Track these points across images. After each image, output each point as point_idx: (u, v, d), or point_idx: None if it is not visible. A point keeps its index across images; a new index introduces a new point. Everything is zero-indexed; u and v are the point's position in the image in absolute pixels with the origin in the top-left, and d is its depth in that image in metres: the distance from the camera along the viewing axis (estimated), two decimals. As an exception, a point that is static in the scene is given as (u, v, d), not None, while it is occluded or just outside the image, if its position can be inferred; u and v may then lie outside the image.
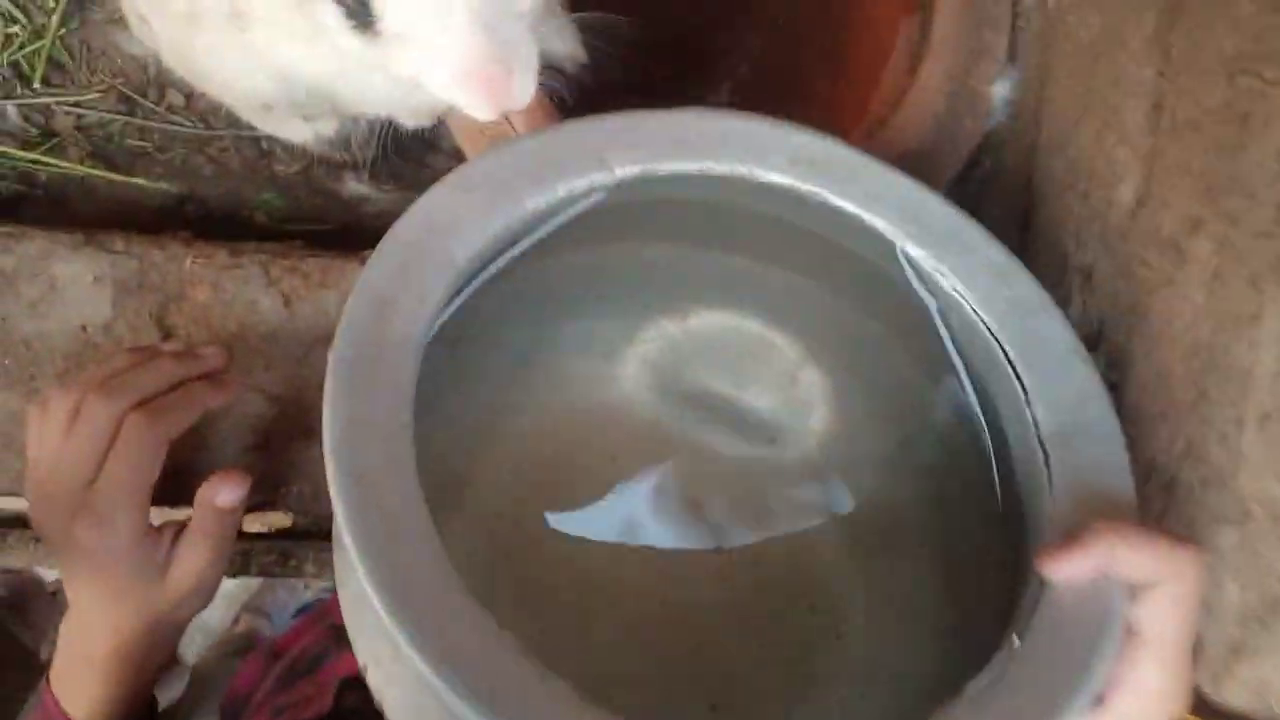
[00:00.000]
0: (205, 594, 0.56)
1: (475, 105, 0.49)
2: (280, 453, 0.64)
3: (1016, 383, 0.49)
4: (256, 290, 0.64)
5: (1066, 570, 0.40)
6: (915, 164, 0.64)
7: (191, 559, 0.54)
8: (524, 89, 0.49)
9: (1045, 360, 0.49)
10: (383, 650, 0.41)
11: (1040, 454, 0.47)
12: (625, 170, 0.51)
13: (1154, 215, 0.52)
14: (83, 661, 0.56)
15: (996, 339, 0.50)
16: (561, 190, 0.50)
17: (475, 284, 0.51)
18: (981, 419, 0.52)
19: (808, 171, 0.53)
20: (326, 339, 0.64)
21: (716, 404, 0.62)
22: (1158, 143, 0.53)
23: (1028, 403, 0.48)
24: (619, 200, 0.53)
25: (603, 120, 0.53)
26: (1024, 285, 0.51)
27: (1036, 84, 0.65)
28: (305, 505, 0.65)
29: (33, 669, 0.91)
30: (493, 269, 0.51)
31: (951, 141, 0.65)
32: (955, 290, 0.51)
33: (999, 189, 0.69)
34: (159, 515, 0.57)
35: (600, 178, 0.51)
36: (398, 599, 0.37)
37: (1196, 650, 0.47)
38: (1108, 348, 0.55)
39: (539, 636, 0.54)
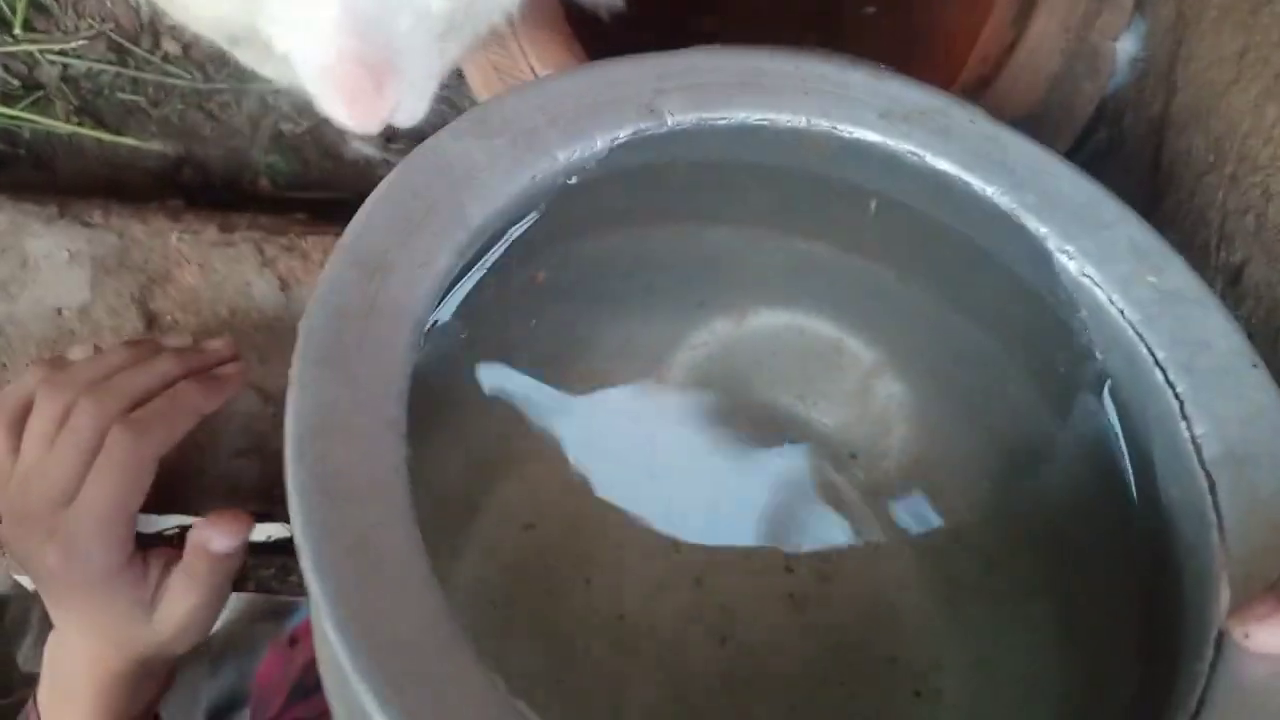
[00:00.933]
0: (199, 632, 0.49)
1: (333, 112, 0.39)
2: (277, 457, 0.56)
3: (1169, 392, 0.39)
4: (249, 272, 0.56)
5: (1274, 635, 0.31)
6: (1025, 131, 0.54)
7: (181, 602, 0.47)
8: (404, 110, 0.40)
9: (1205, 365, 0.39)
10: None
11: (1203, 481, 0.37)
12: (678, 119, 0.42)
13: (1334, 210, 0.42)
14: (65, 693, 0.50)
15: (1140, 337, 0.40)
16: (600, 141, 0.41)
17: (493, 254, 0.42)
18: (1120, 438, 0.42)
19: (902, 127, 0.43)
20: (329, 329, 0.57)
21: (777, 419, 0.53)
22: (1342, 119, 0.42)
23: (1184, 416, 0.39)
24: (668, 161, 0.44)
25: (653, 59, 0.43)
26: (1175, 271, 0.42)
27: (1170, 40, 0.54)
28: (305, 516, 0.57)
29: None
30: (514, 234, 0.42)
31: (1066, 108, 0.55)
32: (1085, 275, 0.42)
33: (1118, 166, 0.58)
34: (143, 522, 0.51)
35: (648, 126, 0.42)
36: (375, 658, 0.28)
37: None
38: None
39: (563, 704, 0.47)
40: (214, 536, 0.47)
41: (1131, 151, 0.57)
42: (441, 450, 0.49)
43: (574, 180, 0.42)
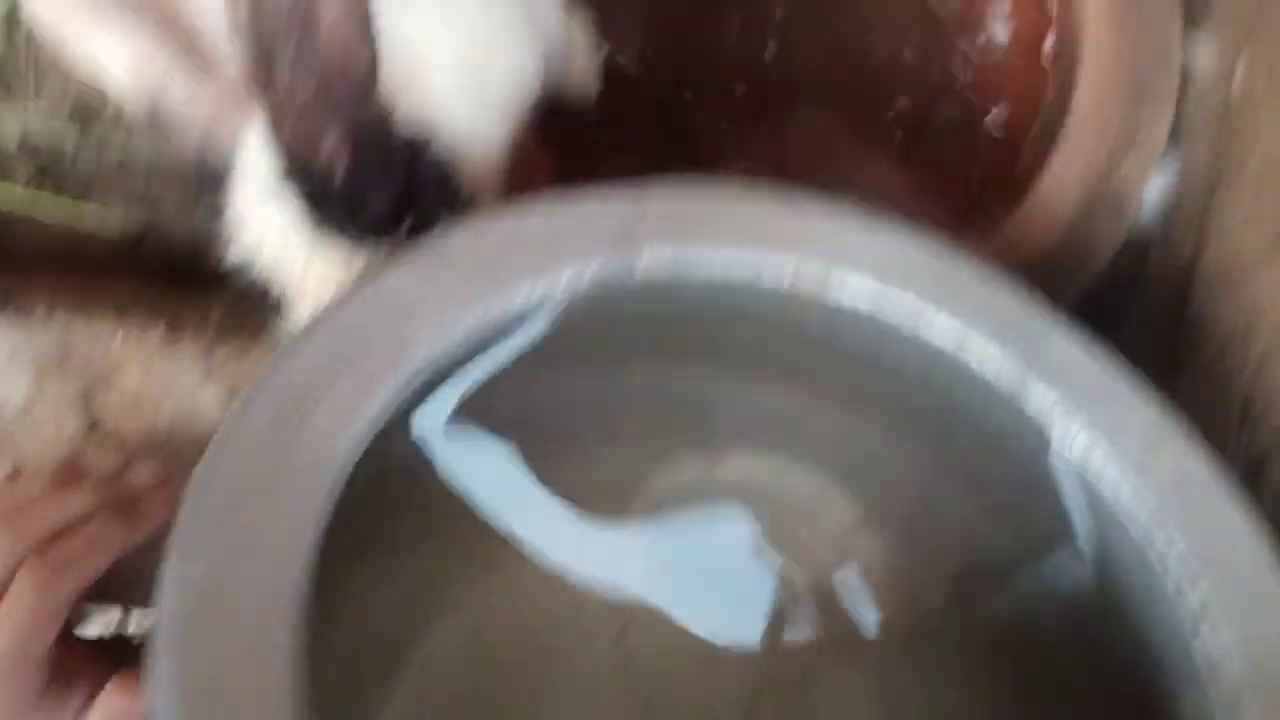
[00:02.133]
0: None
1: None
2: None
3: (1181, 599, 0.35)
4: (194, 378, 0.53)
5: None
6: (1030, 280, 0.50)
7: None
8: None
9: (1226, 566, 0.35)
10: None
11: (1222, 695, 0.34)
12: (652, 260, 0.39)
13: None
14: None
15: (1149, 531, 0.36)
16: (566, 277, 0.38)
17: (440, 394, 0.39)
18: (1114, 632, 0.39)
19: (901, 291, 0.39)
20: (278, 443, 0.53)
21: (740, 573, 0.49)
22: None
23: (1194, 632, 0.34)
24: (639, 304, 0.41)
25: (628, 192, 0.40)
26: (1193, 459, 0.38)
27: (1204, 185, 0.49)
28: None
29: None
30: (467, 378, 0.39)
31: (1080, 256, 0.50)
32: (1092, 457, 0.38)
33: (1137, 311, 0.53)
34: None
35: (619, 267, 0.39)
36: None
37: None
38: None
39: None
40: (126, 703, 0.44)
41: (1154, 297, 0.52)
42: (375, 584, 0.46)
43: (535, 318, 0.39)
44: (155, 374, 0.52)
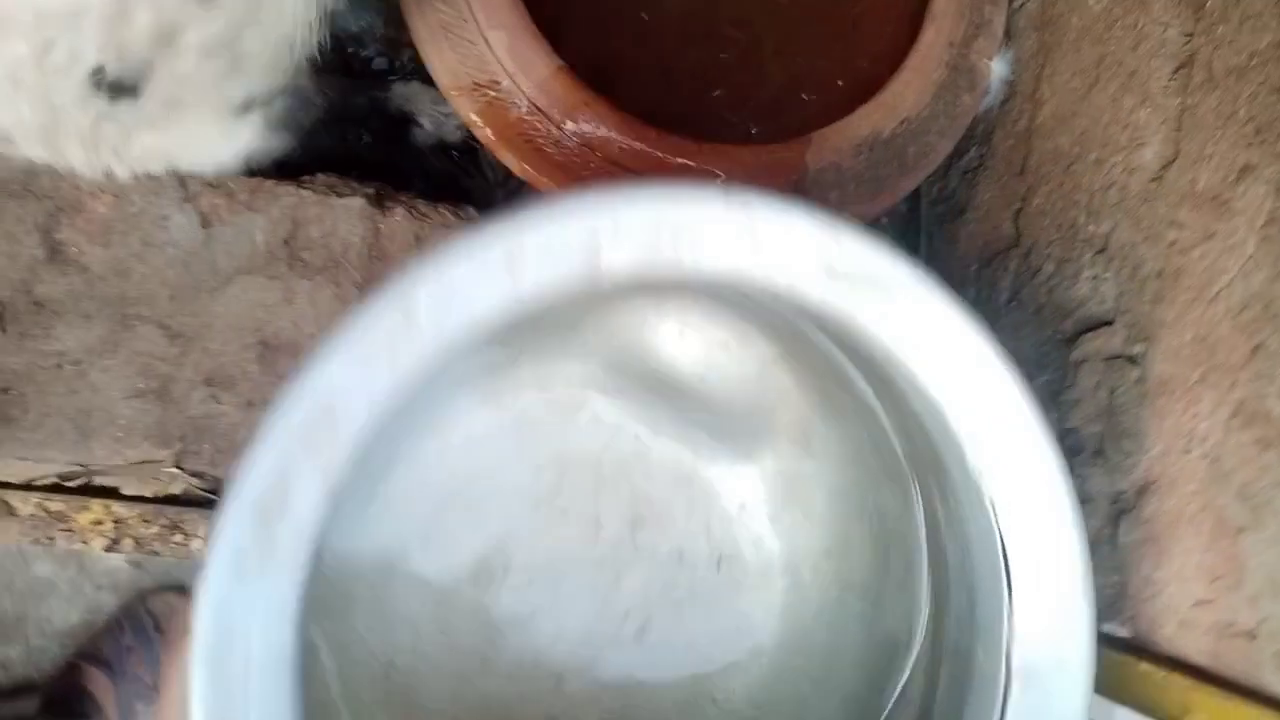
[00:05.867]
0: None
1: None
2: (180, 402, 0.54)
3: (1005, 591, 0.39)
4: (168, 205, 0.54)
5: None
6: (913, 132, 0.61)
7: None
8: None
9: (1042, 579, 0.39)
10: None
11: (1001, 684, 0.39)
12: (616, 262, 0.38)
13: (1186, 172, 0.49)
14: None
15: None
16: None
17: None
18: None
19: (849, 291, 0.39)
20: (248, 271, 0.55)
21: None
22: (1187, 100, 0.50)
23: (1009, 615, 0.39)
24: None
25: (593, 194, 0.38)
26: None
27: (1035, 64, 0.63)
28: (204, 468, 0.54)
29: None
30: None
31: (949, 115, 0.62)
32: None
33: (989, 178, 0.66)
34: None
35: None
36: None
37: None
38: (1128, 320, 0.51)
39: None
40: None
41: (1000, 163, 0.64)
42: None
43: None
44: (128, 201, 0.54)
